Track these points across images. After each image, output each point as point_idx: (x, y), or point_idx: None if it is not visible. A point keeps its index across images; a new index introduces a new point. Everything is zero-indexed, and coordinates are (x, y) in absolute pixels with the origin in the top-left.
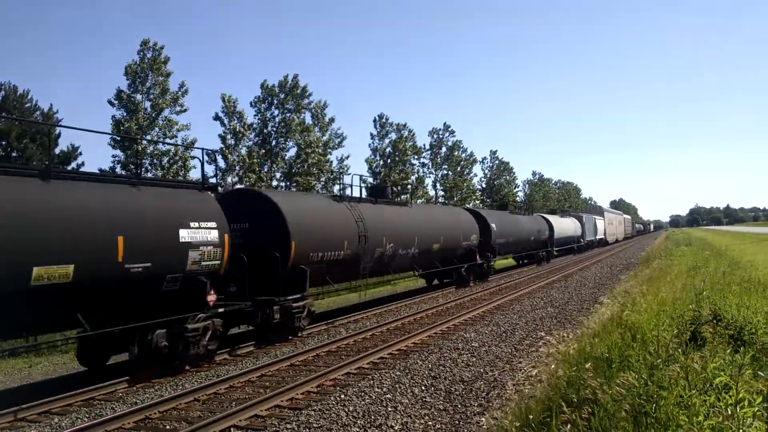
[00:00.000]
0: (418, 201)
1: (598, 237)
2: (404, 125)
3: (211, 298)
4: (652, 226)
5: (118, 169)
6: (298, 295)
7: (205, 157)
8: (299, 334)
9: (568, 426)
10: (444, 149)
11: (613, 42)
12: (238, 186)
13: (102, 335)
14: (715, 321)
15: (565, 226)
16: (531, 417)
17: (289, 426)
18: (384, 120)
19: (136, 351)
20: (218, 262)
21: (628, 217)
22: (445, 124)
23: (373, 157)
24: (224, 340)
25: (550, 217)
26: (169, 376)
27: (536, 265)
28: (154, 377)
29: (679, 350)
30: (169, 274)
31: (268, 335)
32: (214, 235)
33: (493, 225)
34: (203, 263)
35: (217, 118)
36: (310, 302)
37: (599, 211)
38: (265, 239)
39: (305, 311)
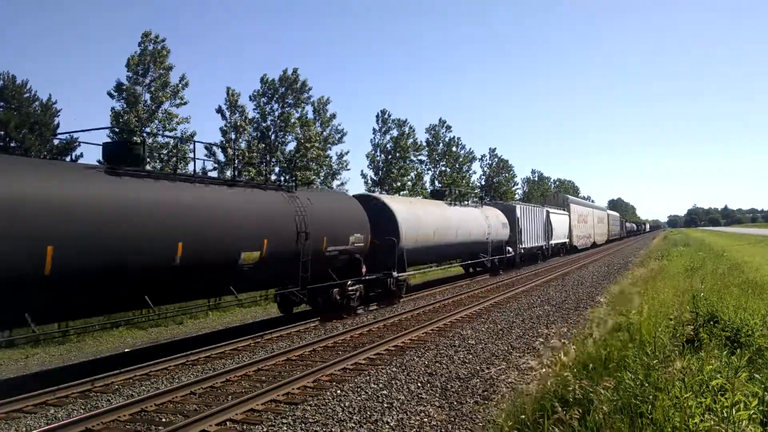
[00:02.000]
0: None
1: (554, 241)
2: (405, 121)
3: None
4: (647, 226)
5: None
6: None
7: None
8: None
9: (561, 425)
10: (441, 145)
11: (614, 42)
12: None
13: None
14: (712, 323)
15: (453, 222)
16: (524, 417)
17: (285, 420)
18: (386, 116)
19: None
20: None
21: (616, 213)
22: (440, 119)
23: (374, 152)
24: None
25: (391, 203)
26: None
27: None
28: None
29: (676, 352)
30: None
31: None
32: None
33: None
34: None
35: (219, 111)
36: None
37: (562, 202)
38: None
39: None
